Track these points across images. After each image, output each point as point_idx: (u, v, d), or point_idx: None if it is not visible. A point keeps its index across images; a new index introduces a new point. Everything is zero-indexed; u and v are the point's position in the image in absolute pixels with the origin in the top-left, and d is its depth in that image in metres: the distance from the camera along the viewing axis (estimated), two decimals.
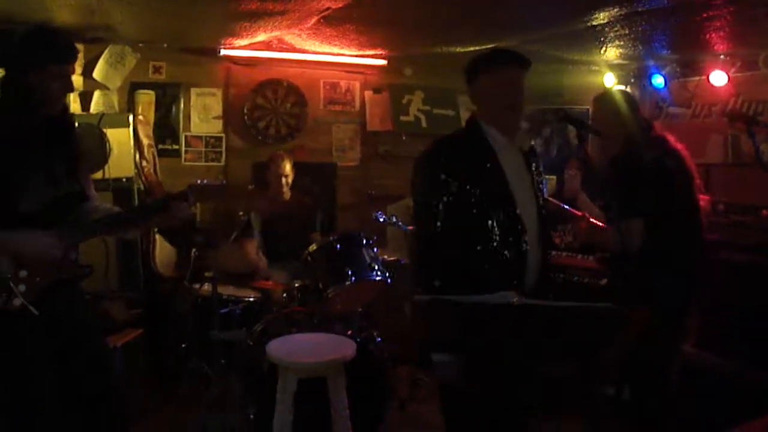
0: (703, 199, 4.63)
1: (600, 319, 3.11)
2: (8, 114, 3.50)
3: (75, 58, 3.65)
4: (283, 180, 6.79)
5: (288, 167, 6.81)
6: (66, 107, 3.77)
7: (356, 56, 7.85)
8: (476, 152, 3.69)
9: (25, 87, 3.46)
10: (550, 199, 4.53)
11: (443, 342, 3.35)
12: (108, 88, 7.29)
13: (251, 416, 5.11)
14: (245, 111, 7.94)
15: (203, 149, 7.90)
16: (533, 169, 3.85)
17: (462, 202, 3.60)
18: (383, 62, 8.05)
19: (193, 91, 7.86)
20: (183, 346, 6.22)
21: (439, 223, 3.63)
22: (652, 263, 4.13)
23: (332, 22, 6.04)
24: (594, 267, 5.98)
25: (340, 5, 5.33)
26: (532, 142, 3.93)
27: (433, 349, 3.38)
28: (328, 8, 5.45)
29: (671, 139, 4.59)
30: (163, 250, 6.97)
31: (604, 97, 4.82)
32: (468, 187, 3.59)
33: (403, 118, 8.41)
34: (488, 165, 3.67)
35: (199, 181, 4.06)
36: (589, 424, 5.53)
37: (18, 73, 3.51)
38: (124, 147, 6.70)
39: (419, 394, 6.26)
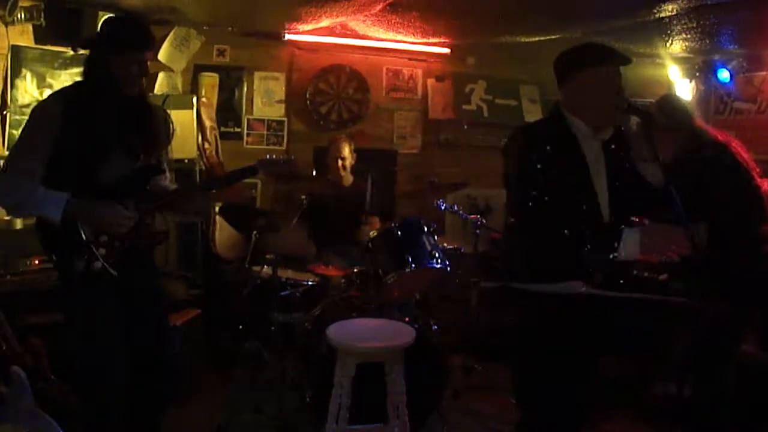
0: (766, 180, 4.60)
1: (666, 314, 3.08)
2: (90, 93, 3.78)
3: (152, 46, 3.98)
4: (340, 163, 6.80)
5: (347, 150, 6.82)
6: (143, 90, 4.02)
7: (420, 44, 7.85)
8: (561, 141, 3.66)
9: (105, 69, 3.75)
10: None
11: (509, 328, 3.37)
12: (172, 70, 7.35)
13: (307, 399, 5.13)
14: (308, 96, 7.97)
15: (265, 132, 7.95)
16: (617, 157, 3.78)
17: (552, 189, 3.58)
18: (446, 51, 8.05)
19: (257, 74, 7.91)
20: (240, 327, 6.27)
21: (534, 210, 3.62)
22: (715, 259, 4.10)
23: (397, 10, 6.04)
24: (654, 262, 5.92)
25: None
26: (623, 128, 3.86)
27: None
28: None
29: (722, 134, 4.59)
30: (223, 232, 7.01)
31: (671, 95, 4.81)
32: (556, 175, 3.56)
33: (465, 107, 8.38)
34: (571, 154, 3.64)
35: (267, 156, 4.48)
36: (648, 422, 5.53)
37: (100, 55, 3.80)
38: (187, 128, 6.77)
39: (473, 383, 6.25)
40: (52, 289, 5.06)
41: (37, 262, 5.34)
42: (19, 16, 5.85)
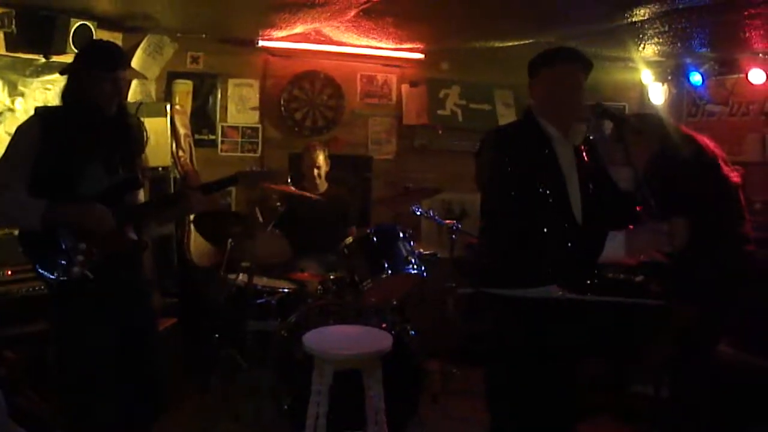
0: (736, 173, 4.62)
1: (643, 316, 3.09)
2: (68, 113, 3.92)
3: (123, 66, 4.11)
4: (316, 171, 6.80)
5: (321, 158, 6.83)
6: (123, 107, 4.13)
7: (394, 50, 7.86)
8: (534, 143, 3.67)
9: (81, 89, 3.91)
10: None
11: (485, 334, 3.36)
12: (146, 78, 7.31)
13: (285, 407, 5.12)
14: (282, 102, 7.96)
15: (239, 140, 7.93)
16: (587, 163, 3.79)
17: (525, 191, 3.58)
18: (421, 56, 8.03)
19: (231, 81, 7.89)
20: (216, 336, 6.25)
21: (508, 213, 3.61)
22: (691, 259, 4.11)
23: (371, 15, 6.04)
24: (629, 263, 5.94)
25: None
26: (591, 137, 3.88)
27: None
28: (368, 1, 5.45)
29: (699, 135, 4.62)
30: (198, 240, 6.99)
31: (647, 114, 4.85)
32: (528, 176, 3.56)
33: (439, 112, 8.37)
34: (544, 155, 3.65)
35: (250, 168, 4.43)
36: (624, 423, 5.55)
37: (76, 77, 3.96)
38: (161, 136, 6.71)
39: (451, 388, 6.25)
40: (26, 299, 5.06)
41: (9, 272, 5.28)
42: None
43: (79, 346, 3.86)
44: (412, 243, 5.75)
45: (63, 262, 3.75)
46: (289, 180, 6.14)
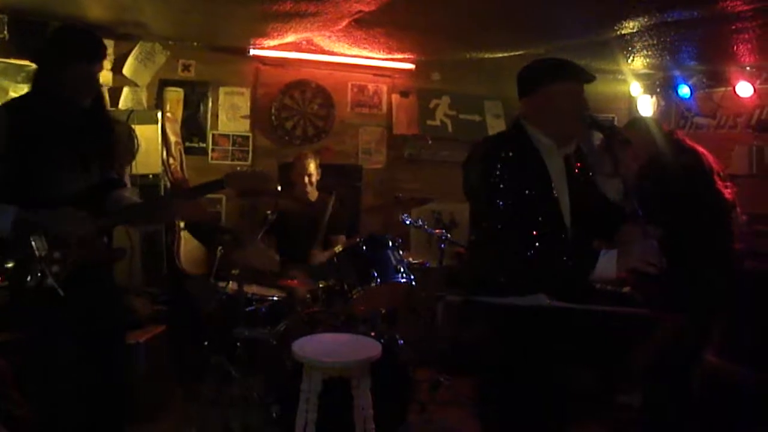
0: (729, 190, 4.65)
1: (631, 325, 3.11)
2: (38, 106, 3.68)
3: (100, 58, 3.84)
4: (307, 179, 6.80)
5: (313, 166, 6.83)
6: (99, 101, 3.96)
7: (384, 60, 7.90)
8: (523, 153, 3.66)
9: (52, 81, 3.67)
10: None
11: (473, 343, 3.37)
12: (137, 85, 7.32)
13: (274, 414, 5.12)
14: (273, 111, 7.98)
15: (230, 148, 7.93)
16: (577, 172, 3.80)
17: (515, 201, 3.58)
18: (411, 66, 8.09)
19: (222, 90, 7.90)
20: (206, 343, 6.24)
21: (498, 223, 3.61)
22: (680, 268, 4.13)
23: (363, 25, 6.07)
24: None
25: (372, 8, 5.35)
26: (586, 143, 3.88)
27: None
28: (359, 11, 5.47)
29: (696, 145, 4.65)
30: (187, 247, 6.99)
31: (637, 118, 4.89)
32: (518, 186, 3.56)
33: (429, 122, 8.42)
34: (534, 165, 3.64)
35: (238, 169, 4.27)
36: None
37: (47, 68, 3.72)
38: (152, 144, 6.74)
39: (439, 397, 6.26)
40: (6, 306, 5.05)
41: None
42: None
43: (44, 356, 3.73)
44: (401, 252, 5.75)
45: (36, 272, 3.54)
46: (279, 188, 6.15)
